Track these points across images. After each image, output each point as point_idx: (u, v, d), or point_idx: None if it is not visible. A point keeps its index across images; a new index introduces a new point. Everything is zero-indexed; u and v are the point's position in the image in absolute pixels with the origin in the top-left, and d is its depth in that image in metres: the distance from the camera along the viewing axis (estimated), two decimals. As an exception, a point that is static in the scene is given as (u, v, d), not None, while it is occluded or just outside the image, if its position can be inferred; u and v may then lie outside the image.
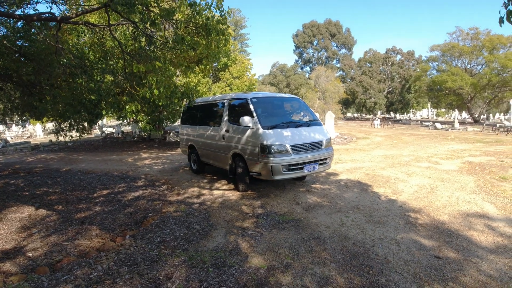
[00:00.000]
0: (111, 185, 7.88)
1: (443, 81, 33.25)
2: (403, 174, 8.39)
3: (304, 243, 4.24)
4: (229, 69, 19.72)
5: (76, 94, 5.78)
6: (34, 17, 4.82)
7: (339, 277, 3.41)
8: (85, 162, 12.15)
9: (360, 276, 3.42)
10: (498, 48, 32.70)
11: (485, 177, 7.89)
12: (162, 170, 9.81)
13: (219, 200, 6.33)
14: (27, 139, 24.73)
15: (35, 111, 8.33)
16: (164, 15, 4.46)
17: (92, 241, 4.48)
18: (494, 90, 34.06)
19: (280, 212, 5.52)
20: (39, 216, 5.64)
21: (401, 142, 16.21)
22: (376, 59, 51.86)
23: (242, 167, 6.64)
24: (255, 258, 3.84)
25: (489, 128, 24.18)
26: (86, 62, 5.87)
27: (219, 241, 4.37)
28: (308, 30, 62.47)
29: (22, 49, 6.12)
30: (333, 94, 36.61)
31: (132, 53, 5.76)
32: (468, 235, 4.52)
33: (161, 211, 5.75)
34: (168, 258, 3.84)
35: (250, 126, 6.32)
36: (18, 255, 4.09)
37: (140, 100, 5.24)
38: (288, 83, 54.67)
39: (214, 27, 4.87)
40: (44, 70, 6.11)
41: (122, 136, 22.13)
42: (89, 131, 15.37)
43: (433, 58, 39.37)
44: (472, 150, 12.45)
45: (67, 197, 6.88)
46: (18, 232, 4.91)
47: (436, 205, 5.81)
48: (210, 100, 8.57)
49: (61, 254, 4.08)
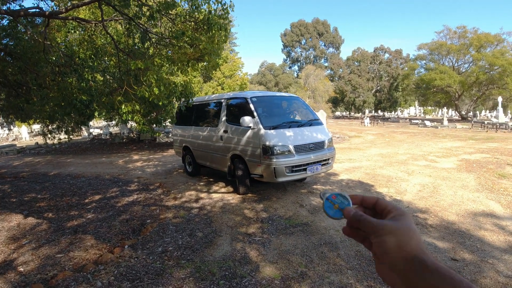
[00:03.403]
0: (103, 190, 7.54)
1: (432, 79, 33.53)
2: (403, 173, 8.27)
3: (316, 249, 4.02)
4: (220, 68, 19.41)
5: (66, 94, 5.44)
6: (21, 12, 4.49)
7: (359, 285, 3.20)
8: (74, 165, 11.72)
9: (381, 284, 3.22)
10: (486, 46, 33.13)
11: (484, 174, 7.83)
12: (156, 173, 9.49)
13: (219, 204, 6.07)
14: (13, 142, 23.94)
15: (21, 113, 7.93)
16: (163, 9, 4.19)
17: (88, 253, 4.17)
18: (481, 88, 34.56)
19: (285, 216, 5.29)
20: (28, 225, 5.29)
21: (395, 140, 16.19)
22: (364, 58, 52.12)
23: (242, 169, 6.39)
24: (267, 268, 3.60)
25: (477, 125, 24.44)
26: (77, 60, 5.53)
27: (226, 249, 4.11)
28: (296, 29, 62.61)
29: (8, 48, 5.74)
30: (322, 93, 36.71)
31: (126, 50, 5.45)
32: (480, 235, 4.42)
33: (159, 217, 5.45)
34: (173, 270, 3.57)
35: (251, 127, 6.07)
36: (9, 270, 3.75)
37: (137, 100, 4.94)
38: (276, 82, 54.64)
39: (216, 22, 4.62)
40: (31, 69, 5.75)
41: (111, 137, 21.58)
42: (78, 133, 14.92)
43: (421, 56, 39.71)
44: (466, 148, 12.46)
45: (57, 204, 6.52)
46: (7, 244, 4.56)
47: (443, 205, 5.69)
48: (206, 99, 8.29)
49: (55, 268, 3.77)
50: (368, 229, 0.54)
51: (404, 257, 0.49)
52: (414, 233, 0.51)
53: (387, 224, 0.53)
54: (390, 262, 0.50)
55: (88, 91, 5.38)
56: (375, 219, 0.55)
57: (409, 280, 0.47)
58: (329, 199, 0.62)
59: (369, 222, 0.54)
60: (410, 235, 0.51)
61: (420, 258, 0.48)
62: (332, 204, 0.61)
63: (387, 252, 0.51)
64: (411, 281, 0.47)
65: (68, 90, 5.31)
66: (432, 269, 0.45)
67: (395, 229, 0.51)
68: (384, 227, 0.52)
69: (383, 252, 0.51)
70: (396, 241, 0.50)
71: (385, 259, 0.51)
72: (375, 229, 0.53)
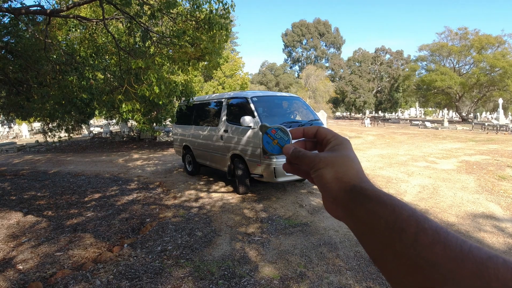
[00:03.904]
0: (103, 188, 7.53)
1: (432, 81, 33.51)
2: (403, 174, 8.26)
3: (315, 249, 4.02)
4: (221, 68, 19.41)
5: (66, 93, 5.44)
6: (22, 10, 4.48)
7: (358, 286, 3.20)
8: (74, 163, 11.71)
9: (380, 285, 3.22)
10: (487, 48, 33.13)
11: (484, 176, 7.82)
12: (155, 172, 9.48)
13: (219, 204, 6.06)
14: (13, 140, 23.98)
15: (21, 111, 7.92)
16: (164, 8, 4.18)
17: (87, 251, 4.16)
18: (482, 90, 34.52)
19: (284, 216, 5.29)
20: (28, 223, 5.29)
21: (395, 141, 16.17)
22: (365, 59, 52.11)
23: (242, 169, 6.38)
24: (266, 267, 3.59)
25: (478, 127, 24.42)
26: (78, 59, 5.52)
27: (225, 248, 4.11)
28: (297, 29, 62.61)
29: (9, 45, 5.74)
30: (323, 93, 36.70)
31: (127, 49, 5.44)
32: (479, 237, 4.41)
33: (158, 216, 5.45)
34: (172, 269, 3.56)
35: (251, 126, 6.07)
36: (8, 268, 3.75)
37: (137, 98, 4.93)
38: (277, 82, 54.60)
39: (217, 22, 4.61)
40: (32, 67, 5.75)
41: (111, 136, 21.59)
42: (79, 131, 14.92)
43: (422, 57, 39.70)
44: (466, 149, 12.44)
45: (56, 202, 6.52)
46: (6, 241, 4.56)
47: (442, 206, 5.69)
48: (207, 99, 8.28)
49: (55, 266, 3.76)
50: (307, 164, 0.51)
51: (343, 188, 0.46)
52: (352, 162, 0.48)
53: (324, 156, 0.49)
54: (332, 195, 0.47)
55: (89, 89, 5.38)
56: (313, 153, 0.52)
57: (350, 211, 0.44)
58: (269, 133, 0.59)
59: (307, 157, 0.51)
60: (348, 165, 0.48)
61: (359, 187, 0.45)
62: (271, 140, 0.59)
63: (326, 185, 0.47)
64: (352, 211, 0.44)
65: (68, 88, 5.31)
66: (372, 197, 0.42)
67: (332, 160, 0.48)
68: (320, 159, 0.49)
69: (323, 185, 0.48)
70: (334, 172, 0.47)
71: (326, 193, 0.48)
72: (312, 163, 0.50)
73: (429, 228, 0.35)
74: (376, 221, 0.39)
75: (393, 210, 0.38)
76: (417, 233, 0.35)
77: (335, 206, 0.47)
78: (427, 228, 0.35)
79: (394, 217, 0.38)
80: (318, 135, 0.55)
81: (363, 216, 0.42)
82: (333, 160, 0.48)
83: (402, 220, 0.37)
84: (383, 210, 0.39)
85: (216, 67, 6.58)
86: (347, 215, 0.45)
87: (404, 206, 0.39)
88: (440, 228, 0.35)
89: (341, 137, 0.53)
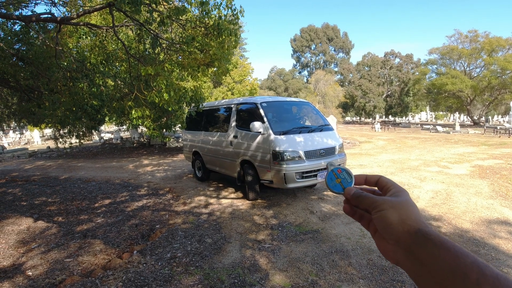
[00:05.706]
0: (113, 194, 7.56)
1: (443, 84, 33.12)
2: (415, 179, 8.12)
3: (326, 257, 3.94)
4: (230, 74, 19.47)
5: (77, 99, 5.48)
6: (33, 17, 4.53)
7: (371, 297, 3.11)
8: (85, 169, 11.81)
9: (394, 295, 3.13)
10: (497, 50, 32.67)
11: (498, 181, 7.65)
12: (165, 178, 9.50)
13: (228, 210, 6.02)
14: (25, 146, 24.33)
15: (33, 117, 8.03)
16: (173, 14, 4.19)
17: (97, 258, 4.15)
18: (494, 93, 34.01)
19: (295, 223, 5.22)
20: (38, 229, 5.31)
21: (406, 146, 15.96)
22: (374, 63, 51.77)
23: (252, 175, 6.34)
24: (277, 276, 3.53)
25: (490, 130, 24.01)
26: (88, 66, 5.57)
27: (235, 256, 4.05)
28: (306, 34, 62.67)
29: (20, 53, 5.82)
30: (332, 98, 36.53)
31: (137, 56, 5.47)
32: (494, 244, 4.30)
33: (168, 222, 5.43)
34: (181, 277, 3.52)
35: (261, 132, 6.02)
36: (17, 274, 3.76)
37: (147, 105, 4.94)
38: (286, 87, 54.63)
39: (226, 28, 4.60)
40: (43, 74, 5.81)
41: (121, 142, 21.78)
42: (89, 137, 15.06)
43: (432, 61, 39.29)
44: (478, 153, 12.22)
45: (67, 208, 6.55)
46: (16, 247, 4.58)
47: (456, 212, 5.56)
48: (216, 104, 8.28)
49: (64, 272, 3.76)
50: (369, 204, 0.55)
51: (407, 231, 0.49)
52: (413, 207, 0.52)
53: (387, 199, 0.54)
54: (394, 237, 0.50)
55: (99, 96, 5.41)
56: (375, 196, 0.56)
57: (414, 254, 0.47)
58: (334, 172, 0.63)
59: (369, 198, 0.56)
60: (410, 210, 0.52)
61: (424, 231, 0.48)
62: (335, 177, 0.62)
63: (390, 226, 0.51)
64: (415, 254, 0.47)
65: (79, 95, 5.35)
66: (436, 241, 0.45)
67: (396, 203, 0.52)
68: (384, 201, 0.53)
69: (385, 226, 0.51)
70: (398, 214, 0.51)
71: (388, 234, 0.51)
72: (375, 204, 0.54)
73: (490, 275, 0.38)
74: (439, 265, 0.43)
75: (456, 256, 0.42)
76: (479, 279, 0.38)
77: (396, 248, 0.50)
78: (488, 275, 0.38)
79: (458, 262, 0.41)
80: (379, 183, 0.60)
81: (426, 259, 0.45)
82: (396, 204, 0.52)
83: (465, 266, 0.40)
84: (447, 255, 0.42)
85: (225, 73, 6.57)
86: (408, 257, 0.48)
87: (467, 253, 0.42)
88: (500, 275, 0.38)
89: (400, 187, 0.57)
